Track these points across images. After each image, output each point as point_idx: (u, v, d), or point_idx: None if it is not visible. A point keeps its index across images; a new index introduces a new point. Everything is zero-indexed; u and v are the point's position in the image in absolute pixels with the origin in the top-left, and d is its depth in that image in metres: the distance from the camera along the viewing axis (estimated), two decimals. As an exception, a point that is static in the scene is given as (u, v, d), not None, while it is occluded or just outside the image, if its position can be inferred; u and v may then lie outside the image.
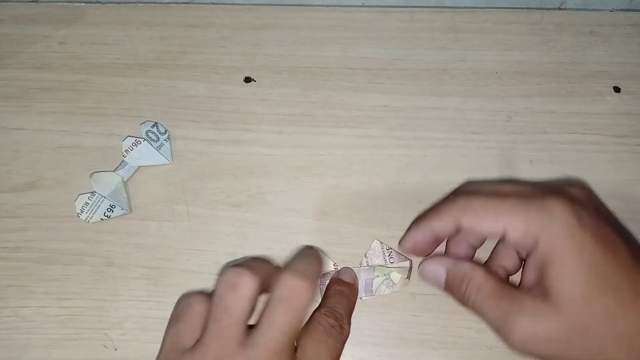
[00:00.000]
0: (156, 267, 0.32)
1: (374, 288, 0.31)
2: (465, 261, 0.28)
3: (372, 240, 0.32)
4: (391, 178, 0.34)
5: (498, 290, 0.26)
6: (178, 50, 0.37)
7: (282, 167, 0.34)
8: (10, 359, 0.30)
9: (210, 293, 0.27)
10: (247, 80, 0.36)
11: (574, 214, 0.24)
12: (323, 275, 0.31)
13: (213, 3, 0.39)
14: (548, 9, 0.38)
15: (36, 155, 0.35)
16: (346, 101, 0.36)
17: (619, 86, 0.36)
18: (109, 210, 0.32)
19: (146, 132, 0.34)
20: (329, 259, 0.32)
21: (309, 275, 0.26)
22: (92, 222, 0.33)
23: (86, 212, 0.33)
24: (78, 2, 0.39)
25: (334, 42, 0.37)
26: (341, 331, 0.27)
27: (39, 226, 0.33)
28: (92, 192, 0.33)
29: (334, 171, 0.34)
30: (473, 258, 0.30)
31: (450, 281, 0.28)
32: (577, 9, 0.38)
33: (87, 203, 0.33)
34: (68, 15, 0.38)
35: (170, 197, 0.33)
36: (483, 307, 0.26)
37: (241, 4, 0.39)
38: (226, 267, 0.26)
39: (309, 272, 0.26)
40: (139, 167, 0.34)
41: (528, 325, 0.24)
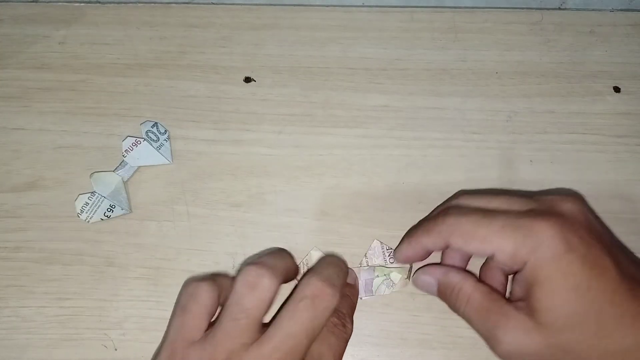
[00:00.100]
0: (156, 267, 0.32)
1: (374, 288, 0.31)
2: (455, 271, 0.28)
3: (372, 240, 0.32)
4: (391, 178, 0.34)
5: (486, 302, 0.26)
6: (178, 50, 0.37)
7: (282, 167, 0.34)
8: (10, 359, 0.30)
9: (215, 277, 0.27)
10: (247, 80, 0.36)
11: (562, 238, 0.24)
12: None
13: (213, 3, 0.39)
14: (548, 9, 0.38)
15: (36, 155, 0.35)
16: (346, 101, 0.36)
17: (619, 86, 0.36)
18: (109, 210, 0.32)
19: (146, 132, 0.34)
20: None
21: (335, 283, 0.26)
22: (92, 222, 0.33)
23: (86, 212, 0.33)
24: (78, 2, 0.39)
25: (334, 42, 0.37)
26: (344, 330, 0.27)
27: (39, 226, 0.33)
28: (92, 192, 0.33)
29: (334, 171, 0.34)
30: (468, 263, 0.30)
31: (441, 290, 0.28)
32: (577, 9, 0.38)
33: (87, 203, 0.33)
34: (68, 15, 0.38)
35: (170, 197, 0.33)
36: (471, 319, 0.27)
37: (241, 4, 0.39)
38: (246, 265, 0.26)
39: (335, 280, 0.27)
40: (139, 167, 0.34)
41: (512, 340, 0.25)
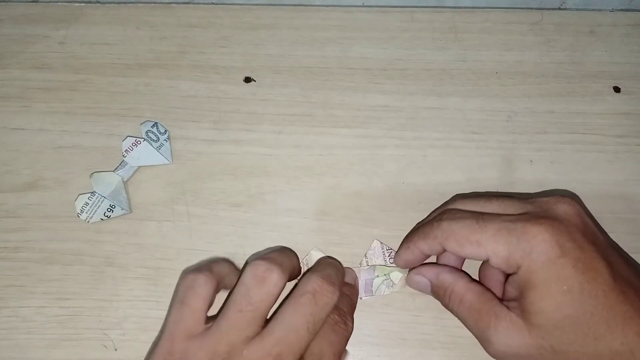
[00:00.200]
0: (156, 267, 0.32)
1: (374, 288, 0.31)
2: (448, 271, 0.28)
3: (372, 240, 0.32)
4: (391, 178, 0.34)
5: (478, 303, 0.27)
6: (178, 50, 0.37)
7: (282, 167, 0.34)
8: (10, 359, 0.30)
9: (211, 265, 0.27)
10: (247, 80, 0.36)
11: (555, 242, 0.24)
12: None
13: (213, 3, 0.39)
14: (548, 9, 0.38)
15: (36, 155, 0.35)
16: (346, 101, 0.36)
17: (619, 86, 0.36)
18: (109, 210, 0.32)
19: (146, 132, 0.34)
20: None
21: (334, 281, 0.27)
22: (92, 222, 0.33)
23: (86, 212, 0.33)
24: (78, 2, 0.39)
25: (334, 42, 0.37)
26: (345, 328, 0.27)
27: (39, 226, 0.33)
28: (92, 192, 0.33)
29: (334, 171, 0.34)
30: (463, 263, 0.30)
31: (434, 291, 0.29)
32: (577, 9, 0.38)
33: (87, 203, 0.33)
34: (68, 15, 0.38)
35: (170, 197, 0.33)
36: (464, 318, 0.27)
37: (241, 4, 0.39)
38: (255, 259, 0.27)
39: (334, 278, 0.27)
40: (139, 167, 0.34)
41: (504, 340, 0.25)
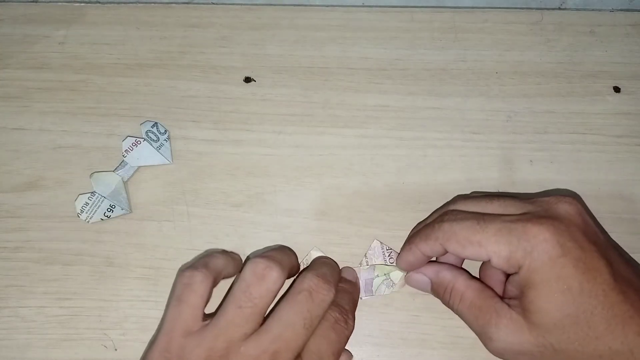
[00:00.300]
0: (156, 267, 0.32)
1: (374, 288, 0.31)
2: (447, 269, 0.28)
3: (372, 240, 0.32)
4: (391, 178, 0.34)
5: (478, 300, 0.27)
6: (178, 50, 0.37)
7: (282, 167, 0.34)
8: (10, 359, 0.30)
9: (208, 261, 0.28)
10: (247, 80, 0.36)
11: (556, 242, 0.24)
12: None
13: (213, 3, 0.39)
14: (548, 9, 0.38)
15: (36, 155, 0.35)
16: (346, 101, 0.36)
17: (619, 86, 0.36)
18: (109, 210, 0.32)
19: (146, 132, 0.34)
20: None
21: (330, 279, 0.28)
22: (92, 222, 0.33)
23: (86, 212, 0.33)
24: (78, 2, 0.39)
25: (334, 42, 0.37)
26: (346, 326, 0.27)
27: (39, 226, 0.33)
28: (92, 192, 0.33)
29: (334, 171, 0.34)
30: (463, 261, 0.30)
31: (435, 289, 0.29)
32: (577, 9, 0.38)
33: (87, 203, 0.33)
34: (68, 15, 0.38)
35: (170, 197, 0.33)
36: (464, 316, 0.27)
37: (241, 4, 0.39)
38: (255, 257, 0.27)
39: (330, 277, 0.28)
40: (139, 167, 0.34)
41: (504, 337, 0.25)
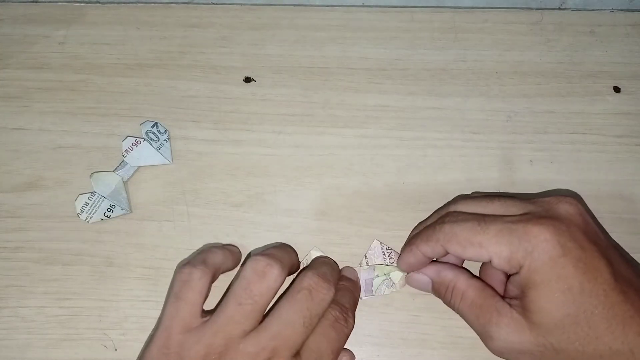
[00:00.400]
0: (156, 267, 0.32)
1: (374, 288, 0.31)
2: (448, 268, 0.28)
3: (372, 240, 0.32)
4: (391, 178, 0.34)
5: (479, 299, 0.27)
6: (178, 50, 0.37)
7: (282, 167, 0.34)
8: (10, 359, 0.30)
9: (206, 257, 0.28)
10: (247, 80, 0.36)
11: (556, 242, 0.24)
12: None
13: (213, 3, 0.39)
14: (548, 9, 0.38)
15: (36, 155, 0.35)
16: (346, 101, 0.36)
17: (619, 86, 0.36)
18: (109, 210, 0.32)
19: (146, 132, 0.34)
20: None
21: (330, 278, 0.28)
22: (92, 222, 0.33)
23: (86, 212, 0.33)
24: (78, 2, 0.39)
25: (334, 42, 0.37)
26: (346, 324, 0.27)
27: (39, 226, 0.33)
28: (92, 192, 0.33)
29: (334, 171, 0.34)
30: (463, 262, 0.30)
31: (436, 288, 0.29)
32: (577, 9, 0.38)
33: (87, 203, 0.33)
34: (68, 15, 0.38)
35: (170, 197, 0.33)
36: (465, 314, 0.27)
37: (241, 4, 0.39)
38: (255, 255, 0.27)
39: (329, 276, 0.28)
40: (139, 167, 0.34)
41: (504, 336, 0.25)
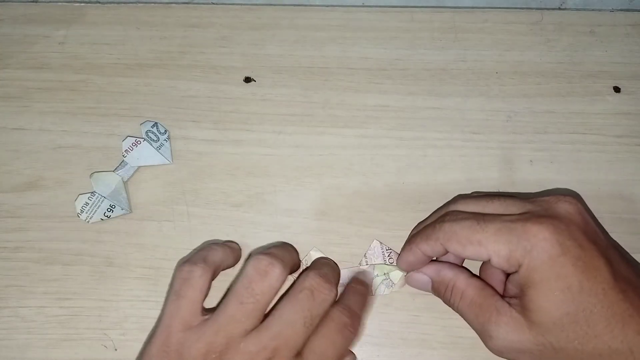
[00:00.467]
0: (156, 267, 0.32)
1: (374, 288, 0.31)
2: (448, 267, 0.29)
3: (372, 240, 0.32)
4: (391, 178, 0.34)
5: (479, 298, 0.27)
6: (178, 50, 0.37)
7: (282, 167, 0.34)
8: (10, 359, 0.30)
9: (206, 255, 0.28)
10: (247, 80, 0.36)
11: (555, 241, 0.24)
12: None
13: (213, 3, 0.39)
14: (548, 9, 0.38)
15: (36, 155, 0.35)
16: (346, 101, 0.36)
17: (619, 86, 0.36)
18: (109, 210, 0.32)
19: (146, 132, 0.34)
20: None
21: (331, 279, 0.27)
22: (92, 222, 0.33)
23: (86, 212, 0.33)
24: (78, 2, 0.39)
25: (334, 42, 0.37)
26: (352, 331, 0.27)
27: (39, 226, 0.33)
28: (92, 192, 0.33)
29: (334, 171, 0.34)
30: (463, 261, 0.30)
31: (435, 287, 0.29)
32: (577, 9, 0.38)
33: (87, 203, 0.33)
34: (68, 15, 0.38)
35: (170, 197, 0.33)
36: (465, 313, 0.27)
37: (241, 4, 0.39)
38: (257, 254, 0.27)
39: (331, 277, 0.28)
40: (139, 167, 0.34)
41: (504, 335, 0.25)
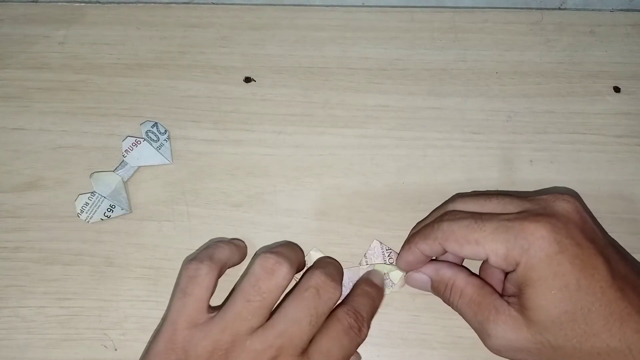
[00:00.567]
0: (156, 267, 0.32)
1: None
2: (447, 266, 0.29)
3: (372, 240, 0.32)
4: (391, 178, 0.34)
5: (478, 296, 0.27)
6: (178, 50, 0.37)
7: (282, 167, 0.34)
8: (10, 359, 0.30)
9: (212, 253, 0.28)
10: (247, 80, 0.36)
11: (553, 239, 0.24)
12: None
13: (213, 3, 0.39)
14: (548, 9, 0.38)
15: (36, 155, 0.35)
16: (346, 101, 0.36)
17: (619, 86, 0.36)
18: (109, 210, 0.32)
19: (146, 132, 0.34)
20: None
21: (336, 278, 0.28)
22: (92, 222, 0.33)
23: (86, 212, 0.33)
24: (78, 2, 0.39)
25: (334, 42, 0.37)
26: (359, 334, 0.27)
27: (39, 226, 0.33)
28: (92, 192, 0.33)
29: (334, 171, 0.34)
30: (463, 260, 0.30)
31: (435, 286, 0.29)
32: (577, 9, 0.38)
33: (87, 203, 0.33)
34: (68, 15, 0.38)
35: (170, 197, 0.33)
36: (464, 312, 0.27)
37: (241, 4, 0.39)
38: (264, 252, 0.27)
39: (336, 276, 0.28)
40: (139, 167, 0.34)
41: (502, 334, 0.25)
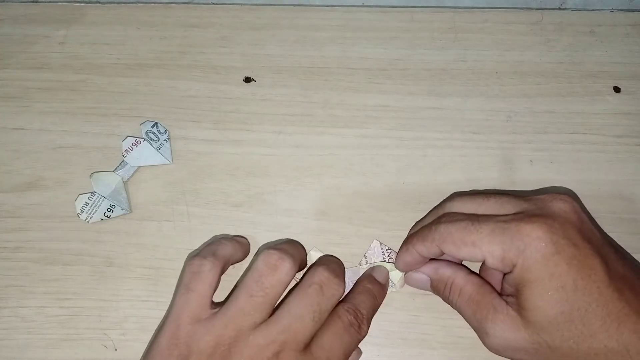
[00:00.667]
0: (156, 267, 0.32)
1: (374, 288, 0.31)
2: (446, 265, 0.29)
3: (372, 240, 0.32)
4: (391, 178, 0.34)
5: (477, 295, 0.27)
6: (178, 50, 0.37)
7: (282, 167, 0.34)
8: (10, 359, 0.30)
9: (215, 249, 0.28)
10: (247, 80, 0.36)
11: (549, 240, 0.24)
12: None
13: (213, 3, 0.39)
14: (548, 9, 0.38)
15: (36, 155, 0.35)
16: (346, 101, 0.36)
17: (619, 86, 0.36)
18: (109, 210, 0.32)
19: (146, 132, 0.34)
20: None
21: (341, 276, 0.28)
22: (92, 222, 0.33)
23: (86, 212, 0.33)
24: (78, 2, 0.39)
25: (334, 42, 0.37)
26: (359, 331, 0.27)
27: (39, 226, 0.33)
28: (92, 192, 0.33)
29: (334, 171, 0.34)
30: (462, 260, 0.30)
31: (434, 285, 0.29)
32: (577, 9, 0.38)
33: (87, 203, 0.33)
34: (68, 15, 0.38)
35: (170, 197, 0.33)
36: (463, 310, 0.28)
37: (241, 4, 0.39)
38: (267, 248, 0.27)
39: (339, 273, 0.28)
40: (139, 167, 0.34)
41: (500, 333, 0.25)
